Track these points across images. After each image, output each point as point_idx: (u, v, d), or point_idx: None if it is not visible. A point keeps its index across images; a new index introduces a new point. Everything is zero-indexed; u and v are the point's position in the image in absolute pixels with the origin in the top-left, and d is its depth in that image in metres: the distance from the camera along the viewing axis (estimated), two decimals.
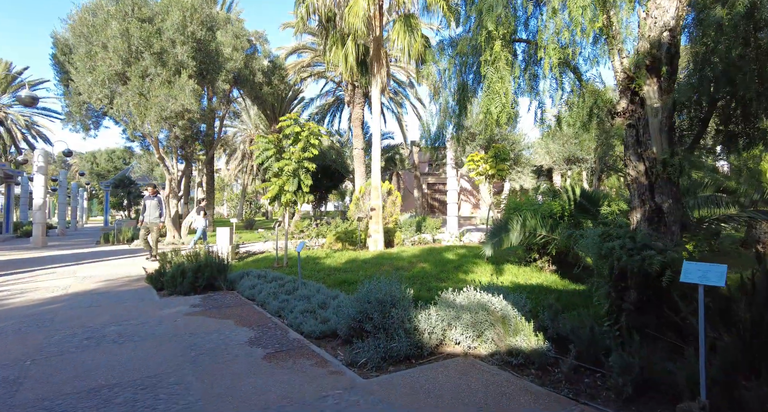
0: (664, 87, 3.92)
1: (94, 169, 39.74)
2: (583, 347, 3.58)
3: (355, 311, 4.28)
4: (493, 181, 13.28)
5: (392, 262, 9.56)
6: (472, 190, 30.75)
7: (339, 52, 11.95)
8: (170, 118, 12.20)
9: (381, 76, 11.97)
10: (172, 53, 11.95)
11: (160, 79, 11.66)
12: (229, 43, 15.48)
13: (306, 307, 5.26)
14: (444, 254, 10.90)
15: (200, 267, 7.02)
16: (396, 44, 11.51)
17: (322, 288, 6.14)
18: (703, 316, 2.70)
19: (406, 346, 3.86)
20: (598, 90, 4.44)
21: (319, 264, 9.34)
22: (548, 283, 7.14)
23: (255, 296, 6.37)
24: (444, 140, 6.20)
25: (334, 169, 27.13)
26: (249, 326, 4.89)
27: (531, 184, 21.61)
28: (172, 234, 17.94)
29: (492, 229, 8.92)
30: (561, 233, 6.00)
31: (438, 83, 5.85)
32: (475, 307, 4.12)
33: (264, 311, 5.65)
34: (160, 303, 6.11)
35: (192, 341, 4.31)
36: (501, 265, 8.97)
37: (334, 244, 12.49)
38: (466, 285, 7.01)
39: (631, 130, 4.19)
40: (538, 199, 10.70)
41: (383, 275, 7.94)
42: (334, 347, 4.28)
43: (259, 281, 7.04)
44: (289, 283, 6.66)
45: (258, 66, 18.24)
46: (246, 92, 18.77)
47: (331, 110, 25.03)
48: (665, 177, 3.96)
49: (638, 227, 4.17)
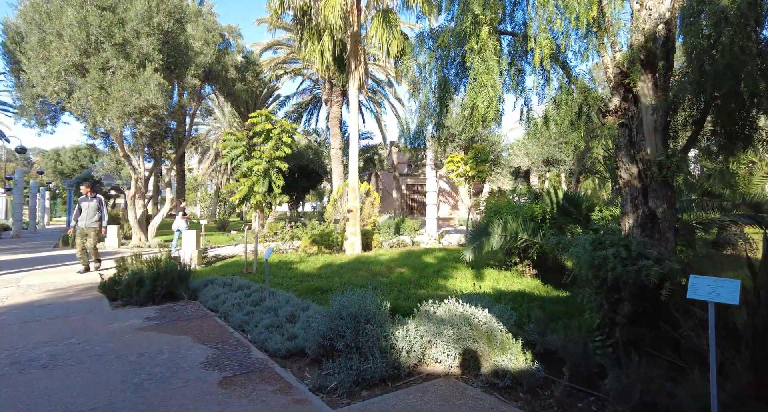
0: (660, 83, 3.65)
1: (58, 168, 37.75)
2: (575, 366, 3.26)
3: (325, 327, 3.85)
4: (473, 182, 13.04)
5: (369, 266, 9.15)
6: (451, 191, 30.66)
7: (315, 47, 11.46)
8: (134, 114, 11.43)
9: (359, 73, 11.55)
10: (136, 45, 11.19)
11: (123, 72, 10.89)
12: (200, 37, 14.73)
13: (272, 321, 4.79)
14: (423, 257, 10.56)
15: (159, 275, 6.43)
16: (374, 41, 11.12)
17: (292, 298, 5.67)
18: (714, 337, 2.40)
19: (382, 367, 3.46)
20: (588, 87, 4.15)
21: (292, 269, 8.84)
22: (530, 289, 6.88)
23: (218, 307, 5.84)
24: (424, 140, 5.83)
25: (311, 169, 26.49)
26: (207, 343, 4.38)
27: (509, 185, 21.59)
28: (138, 236, 16.99)
29: (472, 232, 8.62)
30: (546, 237, 5.71)
31: (417, 79, 5.48)
32: (458, 321, 3.76)
33: (226, 325, 5.14)
34: (110, 316, 5.51)
35: (139, 364, 3.78)
36: (481, 269, 8.69)
37: (310, 247, 11.98)
38: (447, 292, 6.70)
39: (623, 129, 3.91)
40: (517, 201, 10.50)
41: (360, 280, 7.54)
42: (301, 368, 3.84)
43: (224, 290, 6.50)
44: (257, 292, 6.15)
45: (231, 61, 17.49)
46: (218, 88, 17.98)
47: (308, 109, 24.42)
48: (660, 180, 3.69)
49: (631, 234, 3.89)
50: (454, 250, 12.24)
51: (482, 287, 6.91)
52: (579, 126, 4.36)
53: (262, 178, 7.88)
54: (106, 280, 6.71)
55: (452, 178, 14.12)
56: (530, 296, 6.36)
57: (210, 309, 5.96)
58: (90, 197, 9.02)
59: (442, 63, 5.00)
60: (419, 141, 5.88)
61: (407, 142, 5.99)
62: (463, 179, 13.11)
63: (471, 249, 8.00)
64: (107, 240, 15.70)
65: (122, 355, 4.01)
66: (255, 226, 8.63)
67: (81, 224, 8.93)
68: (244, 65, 18.48)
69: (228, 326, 5.09)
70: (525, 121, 4.58)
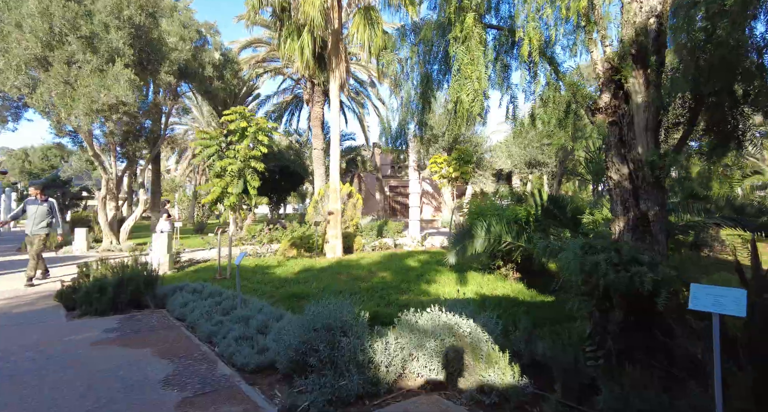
0: (652, 79, 3.48)
1: (26, 168, 36.15)
2: (566, 379, 3.04)
3: (297, 340, 3.54)
4: (456, 184, 12.87)
5: (350, 271, 8.84)
6: (434, 193, 30.58)
7: (294, 44, 11.11)
8: (103, 111, 10.85)
9: (340, 71, 11.25)
10: (105, 39, 10.63)
11: (90, 67, 10.32)
12: (175, 33, 14.19)
13: (242, 332, 4.45)
14: (406, 260, 10.31)
15: (123, 281, 5.99)
16: (356, 39, 10.85)
17: (266, 306, 5.32)
18: (719, 350, 2.20)
19: (359, 383, 3.17)
20: (577, 83, 3.96)
21: (269, 274, 8.46)
22: (515, 293, 6.70)
23: (186, 316, 5.45)
24: (406, 140, 5.58)
25: (293, 170, 25.99)
26: (170, 358, 4.01)
27: (492, 187, 21.57)
28: (109, 240, 16.25)
29: (456, 235, 8.42)
30: (534, 241, 5.50)
31: (399, 75, 5.23)
32: (441, 331, 3.50)
33: (193, 336, 4.77)
34: (64, 328, 5.06)
35: (88, 384, 3.39)
36: (465, 272, 8.49)
37: (289, 250, 11.59)
38: (430, 298, 6.45)
39: (613, 128, 3.73)
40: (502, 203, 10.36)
41: (340, 285, 7.22)
42: (271, 385, 3.52)
43: (194, 298, 6.11)
44: (229, 299, 5.78)
45: (208, 59, 16.95)
46: (195, 87, 17.40)
47: (289, 109, 23.94)
48: (652, 181, 3.51)
49: (621, 238, 3.70)
50: (437, 252, 12.04)
51: (466, 292, 6.69)
52: (567, 125, 4.17)
53: (236, 178, 7.49)
54: (64, 287, 6.22)
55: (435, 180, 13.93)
56: (515, 300, 6.17)
57: (177, 318, 5.56)
58: (39, 200, 8.02)
59: (425, 58, 4.76)
60: (401, 141, 5.63)
61: (389, 142, 5.73)
62: (446, 181, 12.92)
63: (454, 252, 7.79)
64: (75, 244, 14.96)
65: (70, 374, 3.61)
66: (230, 228, 8.21)
67: (27, 230, 8.03)
68: (222, 63, 17.95)
69: (195, 338, 4.72)
70: (511, 120, 4.38)
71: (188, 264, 10.94)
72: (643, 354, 3.18)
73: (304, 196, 40.52)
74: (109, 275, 6.45)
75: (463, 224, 13.86)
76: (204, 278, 8.36)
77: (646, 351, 3.25)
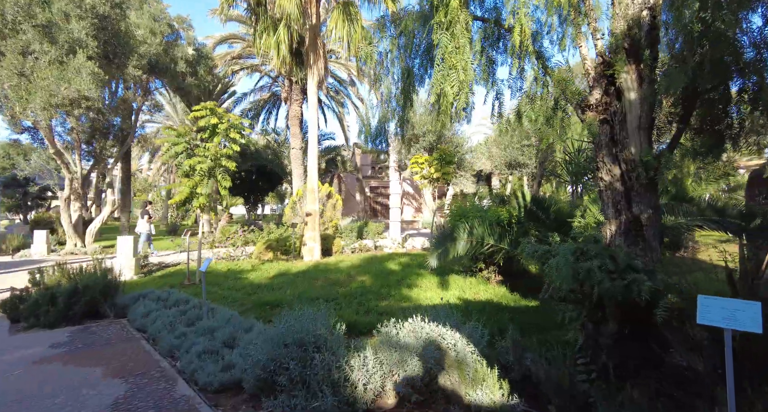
0: (645, 75, 3.29)
1: None
2: (560, 401, 2.81)
3: (265, 357, 3.19)
4: (437, 185, 12.65)
5: (328, 275, 8.49)
6: (415, 194, 30.43)
7: (270, 39, 10.66)
8: (63, 106, 10.15)
9: (318, 67, 10.88)
10: (65, 28, 9.94)
11: (49, 58, 9.63)
12: (144, 26, 13.52)
13: (207, 345, 4.06)
14: (386, 263, 10.02)
15: (77, 289, 5.49)
16: (334, 34, 10.49)
17: (235, 316, 4.94)
18: (732, 370, 1.98)
19: (333, 405, 2.86)
20: (566, 79, 3.75)
21: (241, 279, 8.02)
22: (498, 298, 6.50)
23: (147, 327, 5.02)
24: (386, 138, 5.29)
25: (270, 170, 25.36)
26: (123, 377, 3.60)
27: (472, 189, 21.51)
28: (73, 242, 15.40)
29: (437, 237, 8.18)
30: (522, 245, 5.26)
31: (378, 70, 4.92)
32: (424, 346, 3.22)
33: (153, 350, 4.36)
34: (5, 344, 4.55)
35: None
36: (446, 276, 8.26)
37: (264, 253, 11.13)
38: (411, 304, 6.17)
39: (605, 126, 3.53)
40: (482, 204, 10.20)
41: (317, 291, 6.85)
42: (236, 407, 3.17)
43: (157, 306, 5.66)
44: (195, 308, 5.36)
45: (181, 54, 16.28)
46: (167, 82, 16.68)
47: (266, 107, 23.30)
48: (645, 182, 3.31)
49: (612, 242, 3.50)
50: (418, 254, 11.79)
51: (448, 297, 6.45)
52: (555, 123, 3.96)
53: (206, 178, 7.04)
54: (8, 297, 5.65)
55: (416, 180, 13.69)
56: (499, 306, 5.96)
57: (138, 329, 5.12)
58: None
59: (406, 52, 4.47)
60: (381, 139, 5.33)
61: (369, 140, 5.43)
62: (427, 181, 12.69)
63: (436, 255, 7.54)
64: (34, 247, 14.09)
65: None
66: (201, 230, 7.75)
67: None
68: (196, 59, 17.28)
69: (155, 352, 4.31)
70: (497, 117, 4.15)
71: (157, 268, 10.36)
72: (639, 368, 2.97)
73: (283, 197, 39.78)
74: (65, 281, 5.94)
75: (444, 225, 13.68)
76: (172, 284, 7.87)
77: (641, 364, 3.05)
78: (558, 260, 3.23)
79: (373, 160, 32.43)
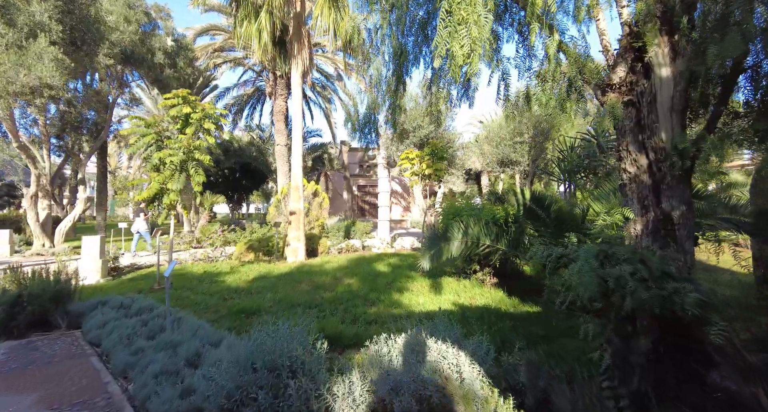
0: (681, 47, 2.80)
1: None
2: None
3: (231, 384, 2.63)
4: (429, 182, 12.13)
5: (312, 277, 7.91)
6: (403, 192, 29.97)
7: (251, 27, 10.02)
8: (23, 95, 9.36)
9: (302, 57, 10.28)
10: (24, 10, 9.15)
11: (6, 42, 8.83)
12: (118, 12, 12.73)
13: (167, 364, 3.47)
14: (375, 264, 9.49)
15: (22, 298, 4.82)
16: (320, 22, 9.91)
17: (204, 326, 4.35)
18: None
19: None
20: (581, 56, 3.26)
21: (217, 283, 7.39)
22: (496, 303, 6.01)
23: (102, 340, 4.39)
24: (375, 127, 4.75)
25: (254, 167, 24.58)
26: (57, 408, 2.99)
27: (461, 187, 21.10)
28: (41, 242, 14.50)
29: (429, 238, 7.68)
30: (536, 246, 4.71)
31: (368, 49, 4.37)
32: (423, 368, 2.69)
33: (104, 369, 3.74)
34: None
35: None
36: (438, 278, 7.77)
37: (245, 254, 10.49)
38: (403, 310, 5.62)
39: (630, 109, 3.04)
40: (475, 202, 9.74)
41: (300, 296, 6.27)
42: None
43: (118, 315, 5.04)
44: (159, 318, 4.75)
45: (158, 44, 15.47)
46: (143, 74, 15.85)
47: (250, 102, 22.52)
48: (678, 174, 2.83)
49: (639, 244, 3.01)
50: (408, 255, 11.29)
51: (442, 302, 5.95)
52: (569, 106, 3.47)
53: (177, 173, 6.41)
54: None
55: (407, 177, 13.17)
56: (498, 312, 5.48)
57: (91, 343, 4.48)
58: None
59: (398, 28, 3.94)
60: (369, 128, 4.78)
61: (357, 129, 4.88)
62: (418, 178, 12.14)
63: (428, 257, 7.05)
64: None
65: None
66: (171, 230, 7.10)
67: None
68: (175, 50, 16.48)
69: (105, 372, 3.70)
70: (502, 100, 3.64)
71: (129, 270, 9.65)
72: (678, 392, 2.50)
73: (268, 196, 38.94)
74: (13, 287, 5.27)
75: (435, 224, 13.20)
76: (140, 289, 7.21)
77: (678, 386, 2.58)
78: (580, 265, 2.73)
79: (360, 159, 31.87)
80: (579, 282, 2.69)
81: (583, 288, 2.69)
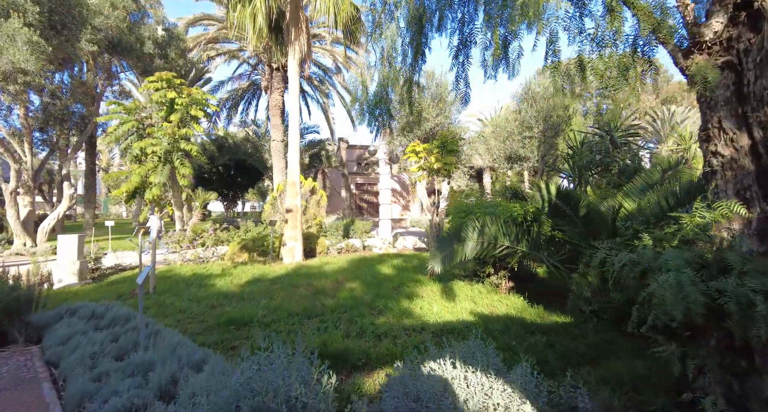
0: None
1: None
2: None
3: None
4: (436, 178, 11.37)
5: (311, 281, 7.22)
6: (402, 191, 29.30)
7: (245, 11, 9.30)
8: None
9: (300, 44, 9.57)
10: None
11: None
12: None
13: (133, 396, 2.77)
14: (378, 266, 8.80)
15: None
16: (319, 4, 9.20)
17: (183, 342, 3.66)
18: None
19: None
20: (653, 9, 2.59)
21: (207, 287, 6.68)
22: (518, 311, 5.34)
23: (62, 360, 3.68)
24: (387, 108, 4.06)
25: (250, 164, 23.86)
26: None
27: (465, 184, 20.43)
28: (22, 241, 13.73)
29: (439, 238, 7.00)
30: (612, 255, 3.91)
31: (379, 13, 3.67)
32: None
33: (56, 402, 3.04)
34: None
35: None
36: (449, 282, 7.11)
37: (238, 255, 9.78)
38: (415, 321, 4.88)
39: (726, 74, 2.37)
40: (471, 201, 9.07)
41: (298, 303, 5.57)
42: None
43: (87, 326, 4.33)
44: (135, 331, 4.04)
45: (148, 33, 14.74)
46: (132, 64, 15.11)
47: (245, 97, 21.72)
48: None
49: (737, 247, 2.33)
50: (412, 256, 10.62)
51: (458, 311, 5.28)
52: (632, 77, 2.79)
53: (160, 164, 5.69)
54: None
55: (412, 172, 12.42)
56: (523, 323, 4.81)
57: (49, 363, 3.77)
58: None
59: None
60: (382, 108, 4.10)
61: (366, 111, 4.18)
62: (425, 173, 11.38)
63: (440, 259, 6.36)
64: None
65: None
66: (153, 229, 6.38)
67: None
68: (166, 40, 15.73)
69: (57, 405, 2.99)
70: (550, 70, 2.97)
71: (112, 271, 8.92)
72: None
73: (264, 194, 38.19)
74: None
75: (440, 223, 12.53)
76: (120, 294, 6.50)
77: None
78: (673, 276, 2.06)
79: (359, 156, 31.18)
80: (673, 298, 2.02)
81: (676, 305, 2.02)
